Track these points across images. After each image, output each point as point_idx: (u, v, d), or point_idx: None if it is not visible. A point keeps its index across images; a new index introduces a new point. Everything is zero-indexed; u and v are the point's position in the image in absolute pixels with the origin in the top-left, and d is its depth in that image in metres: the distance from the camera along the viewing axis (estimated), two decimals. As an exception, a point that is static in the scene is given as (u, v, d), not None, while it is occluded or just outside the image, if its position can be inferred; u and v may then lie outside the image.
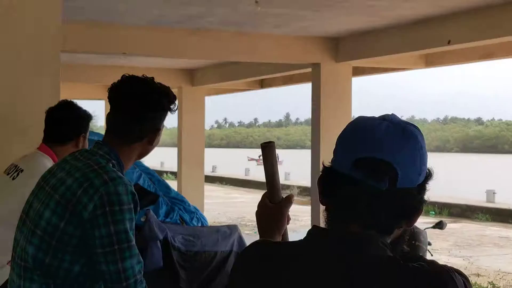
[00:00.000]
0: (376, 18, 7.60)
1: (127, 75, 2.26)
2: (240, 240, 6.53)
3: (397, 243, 1.33)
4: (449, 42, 7.39)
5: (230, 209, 18.90)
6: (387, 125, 1.28)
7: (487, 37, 6.96)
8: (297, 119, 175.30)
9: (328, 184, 1.35)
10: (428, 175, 1.33)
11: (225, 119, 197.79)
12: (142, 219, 5.88)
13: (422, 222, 6.37)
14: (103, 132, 2.52)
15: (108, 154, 2.19)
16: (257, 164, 47.63)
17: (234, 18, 7.65)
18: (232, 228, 6.65)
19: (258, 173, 35.73)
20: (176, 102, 2.29)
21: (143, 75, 2.25)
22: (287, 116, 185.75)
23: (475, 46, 8.10)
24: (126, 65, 12.08)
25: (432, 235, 13.95)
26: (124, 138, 2.21)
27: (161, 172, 32.94)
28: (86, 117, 3.10)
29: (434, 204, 19.17)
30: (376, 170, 1.23)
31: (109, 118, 2.25)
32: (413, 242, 5.10)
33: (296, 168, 33.41)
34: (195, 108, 13.22)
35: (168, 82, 9.98)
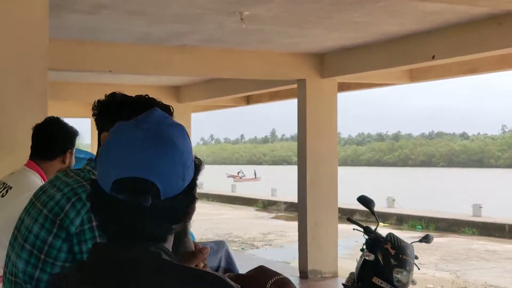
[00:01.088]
0: (362, 34, 7.68)
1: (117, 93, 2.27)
2: (228, 256, 6.52)
3: (179, 238, 1.39)
4: (433, 57, 7.48)
5: (217, 225, 18.85)
6: (143, 137, 1.26)
7: (471, 52, 7.06)
8: (283, 135, 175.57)
9: (94, 200, 1.31)
10: (196, 169, 1.34)
11: (211, 136, 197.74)
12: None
13: (409, 237, 6.41)
14: (90, 149, 2.53)
15: (95, 169, 2.20)
16: (234, 181, 47.41)
17: (219, 35, 7.70)
18: (219, 244, 6.63)
19: (245, 190, 35.71)
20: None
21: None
22: (273, 132, 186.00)
23: (460, 61, 8.20)
24: (112, 83, 12.08)
25: (419, 250, 13.93)
26: None
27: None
28: (72, 133, 3.11)
29: (420, 218, 19.25)
30: (136, 190, 1.22)
31: (99, 135, 2.28)
32: (400, 256, 5.13)
33: (282, 184, 33.42)
34: (182, 124, 13.21)
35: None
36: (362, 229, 5.35)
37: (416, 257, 5.36)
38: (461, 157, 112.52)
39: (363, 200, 5.49)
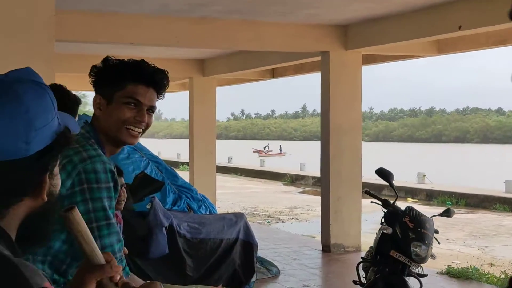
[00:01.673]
0: (385, 4, 7.49)
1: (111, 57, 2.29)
2: (246, 227, 6.51)
3: (36, 219, 1.20)
4: (460, 28, 7.26)
5: (244, 199, 18.90)
6: None
7: (499, 22, 6.82)
8: (314, 110, 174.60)
9: None
10: (60, 139, 1.19)
11: (242, 111, 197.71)
12: (148, 206, 5.88)
13: (437, 212, 6.33)
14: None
15: (88, 133, 2.23)
16: (259, 156, 47.45)
17: (239, 6, 7.59)
18: (238, 216, 6.63)
19: (274, 164, 35.66)
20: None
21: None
22: (304, 108, 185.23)
23: (488, 31, 7.97)
24: (135, 56, 12.06)
25: (448, 225, 13.84)
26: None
27: (177, 163, 33.03)
28: (74, 101, 3.09)
29: (451, 194, 19.00)
30: None
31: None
32: (419, 229, 5.03)
33: (312, 159, 33.24)
34: (206, 98, 13.19)
35: (179, 72, 10.01)
36: (380, 202, 5.26)
37: (437, 231, 5.25)
38: (496, 133, 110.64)
39: (382, 172, 5.38)
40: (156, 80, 2.26)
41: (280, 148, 58.33)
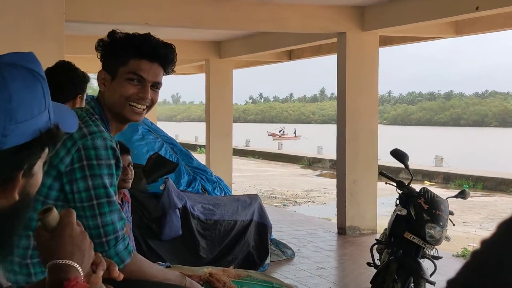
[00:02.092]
0: (402, -16, 7.40)
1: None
2: (261, 209, 6.51)
3: (5, 219, 1.10)
4: (477, 9, 7.15)
5: (261, 182, 18.90)
6: None
7: (517, 2, 6.71)
8: (332, 93, 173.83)
9: None
10: (42, 137, 1.07)
11: (261, 94, 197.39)
12: (161, 188, 5.89)
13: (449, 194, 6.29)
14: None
15: (93, 109, 2.18)
16: (273, 139, 47.35)
17: (256, -14, 7.54)
18: (252, 198, 6.63)
19: (291, 147, 35.63)
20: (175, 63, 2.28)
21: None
22: (322, 91, 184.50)
23: (506, 12, 7.83)
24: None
25: (464, 208, 13.76)
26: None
27: (194, 146, 33.09)
28: (83, 78, 3.08)
29: (468, 177, 18.86)
30: None
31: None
32: (434, 211, 4.99)
33: (330, 142, 33.18)
34: (223, 81, 13.15)
35: (196, 54, 9.97)
36: (395, 184, 5.22)
37: (451, 213, 5.21)
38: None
39: (397, 153, 5.34)
40: (160, 54, 2.20)
41: (295, 131, 58.32)
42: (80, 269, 1.20)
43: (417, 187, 5.42)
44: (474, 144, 49.42)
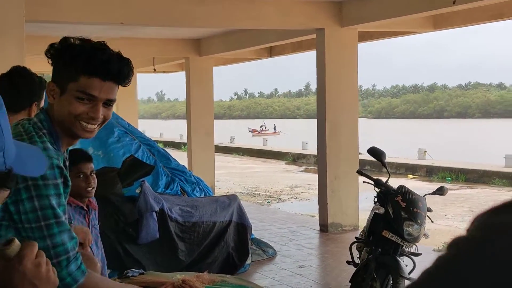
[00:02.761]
0: (379, -21, 7.35)
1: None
2: (240, 210, 6.45)
3: None
4: (454, 3, 7.12)
5: (245, 179, 18.85)
6: None
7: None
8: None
9: None
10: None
11: (245, 90, 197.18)
12: (137, 191, 5.81)
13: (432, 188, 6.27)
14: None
15: (41, 122, 2.04)
16: (253, 135, 47.18)
17: (232, -16, 7.47)
18: (231, 198, 6.57)
19: (276, 143, 35.59)
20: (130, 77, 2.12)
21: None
22: (307, 86, 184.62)
23: (483, 5, 7.82)
24: (131, 36, 11.94)
25: (447, 201, 13.79)
26: None
27: (179, 144, 32.97)
28: (39, 84, 2.95)
29: (451, 170, 18.92)
30: None
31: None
32: (411, 208, 4.96)
33: (315, 137, 33.13)
34: (203, 78, 13.07)
35: (175, 52, 9.86)
36: (372, 182, 5.18)
37: (430, 210, 5.18)
38: (498, 108, 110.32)
39: (374, 151, 5.30)
40: (113, 71, 2.00)
41: (275, 127, 58.43)
42: None
43: (400, 181, 5.41)
44: (457, 136, 49.70)
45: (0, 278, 1.20)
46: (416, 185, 17.14)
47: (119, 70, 2.01)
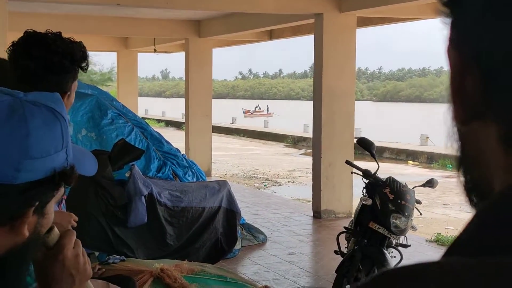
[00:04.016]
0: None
1: (29, 31, 2.09)
2: (229, 196, 6.44)
3: (15, 256, 1.10)
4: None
5: (244, 161, 18.84)
6: (4, 100, 1.05)
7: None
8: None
9: None
10: (55, 177, 1.07)
11: (250, 70, 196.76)
12: (127, 175, 5.81)
13: (438, 176, 6.19)
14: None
15: None
16: (245, 116, 47.00)
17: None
18: (221, 184, 6.55)
19: (278, 126, 35.56)
20: (88, 59, 2.12)
21: (47, 31, 2.07)
22: (312, 67, 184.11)
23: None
24: (131, 16, 11.87)
25: (445, 190, 13.76)
26: None
27: (180, 124, 32.96)
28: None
29: (452, 157, 18.86)
30: None
31: (12, 83, 2.10)
32: (399, 201, 4.94)
33: (316, 120, 32.98)
34: (203, 60, 13.01)
35: (175, 33, 9.84)
36: (360, 173, 5.16)
37: (419, 202, 5.17)
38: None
39: (363, 142, 5.27)
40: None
41: (267, 108, 58.49)
42: None
43: (399, 168, 5.37)
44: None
45: (40, 266, 1.23)
46: (416, 172, 17.13)
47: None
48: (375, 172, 5.15)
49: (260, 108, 58.82)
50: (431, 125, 37.34)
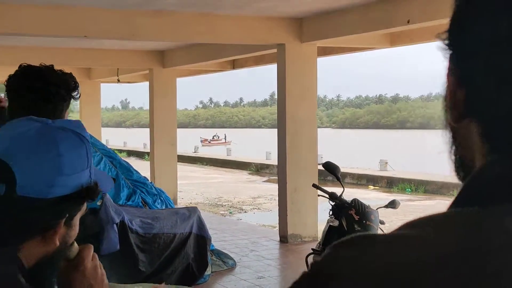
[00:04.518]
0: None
1: (24, 65, 2.24)
2: (200, 222, 6.57)
3: (46, 264, 1.25)
4: (408, 22, 7.40)
5: (208, 189, 18.94)
6: (30, 128, 1.22)
7: (444, 16, 6.97)
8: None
9: None
10: (83, 191, 1.24)
11: (211, 99, 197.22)
12: (98, 203, 5.89)
13: (399, 199, 6.47)
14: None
15: None
16: (202, 145, 47.19)
17: (194, 0, 7.62)
18: (191, 210, 6.68)
19: (240, 154, 35.75)
20: (79, 89, 2.28)
21: (40, 64, 2.24)
22: (272, 95, 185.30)
23: (436, 25, 8.11)
24: (95, 47, 12.00)
25: (407, 212, 14.09)
26: None
27: (142, 153, 32.87)
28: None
29: (410, 181, 19.33)
30: None
31: (9, 112, 2.24)
32: (364, 221, 5.16)
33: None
34: (167, 89, 13.18)
35: (139, 64, 10.01)
36: (327, 195, 5.37)
37: (382, 222, 5.39)
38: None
39: (328, 166, 5.49)
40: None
41: (225, 136, 58.92)
42: None
43: (360, 192, 5.59)
44: (419, 147, 50.52)
45: (62, 276, 1.34)
46: (377, 196, 17.46)
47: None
48: (341, 195, 5.37)
49: (218, 137, 59.11)
50: (390, 150, 38.05)
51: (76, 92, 2.25)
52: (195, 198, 16.64)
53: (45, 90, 2.16)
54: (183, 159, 29.63)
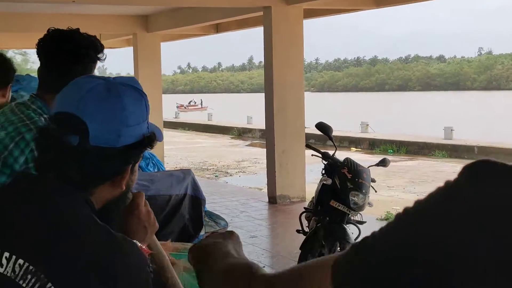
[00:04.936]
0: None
1: (53, 29, 2.32)
2: (194, 183, 6.69)
3: (112, 205, 1.39)
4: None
5: (192, 154, 19.05)
6: (97, 84, 1.33)
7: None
8: (260, 62, 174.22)
9: (39, 136, 1.37)
10: (145, 140, 1.36)
11: (189, 64, 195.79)
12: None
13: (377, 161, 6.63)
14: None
15: (41, 109, 2.26)
16: (179, 111, 47.20)
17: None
18: (186, 172, 6.80)
19: (221, 118, 35.77)
20: (104, 51, 2.37)
21: (68, 28, 2.32)
22: (250, 60, 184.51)
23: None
24: (78, 13, 11.91)
25: (389, 173, 14.33)
26: (56, 93, 2.27)
27: (123, 120, 32.70)
28: (11, 66, 3.11)
29: (392, 142, 19.59)
30: (66, 124, 1.28)
31: (40, 73, 2.33)
32: (356, 179, 5.31)
33: (259, 111, 33.36)
34: (151, 54, 13.16)
35: (123, 28, 10.02)
36: (320, 155, 5.51)
37: (373, 180, 5.55)
38: (438, 80, 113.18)
39: (321, 126, 5.63)
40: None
41: (201, 102, 58.90)
42: (140, 244, 1.43)
43: (343, 154, 5.73)
44: (398, 109, 50.93)
45: (119, 220, 1.48)
46: (360, 158, 17.70)
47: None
48: (333, 154, 5.52)
49: (195, 102, 58.97)
50: (369, 113, 38.35)
51: (102, 54, 2.34)
52: (180, 162, 16.74)
53: (76, 52, 2.26)
54: (165, 124, 29.52)
